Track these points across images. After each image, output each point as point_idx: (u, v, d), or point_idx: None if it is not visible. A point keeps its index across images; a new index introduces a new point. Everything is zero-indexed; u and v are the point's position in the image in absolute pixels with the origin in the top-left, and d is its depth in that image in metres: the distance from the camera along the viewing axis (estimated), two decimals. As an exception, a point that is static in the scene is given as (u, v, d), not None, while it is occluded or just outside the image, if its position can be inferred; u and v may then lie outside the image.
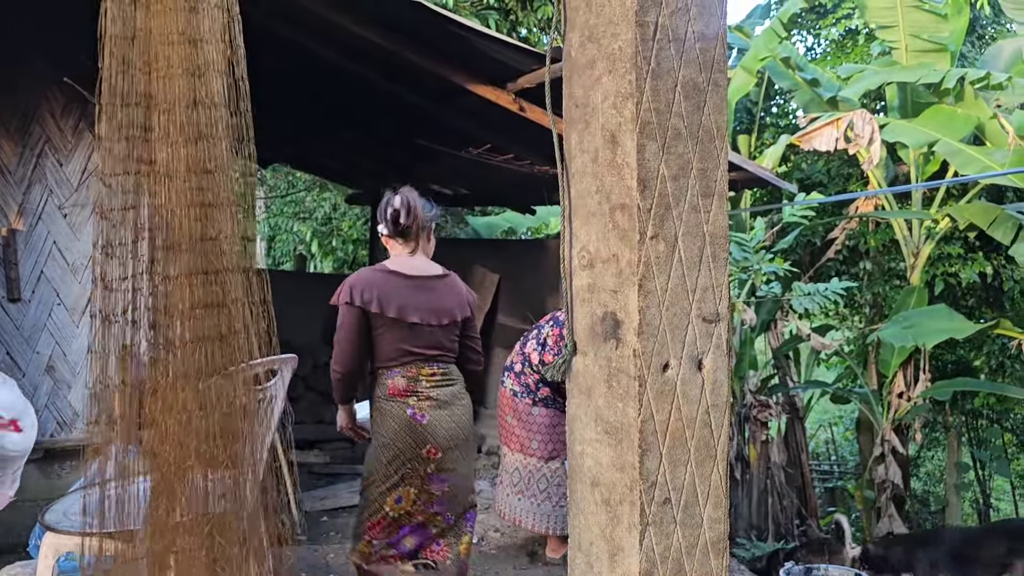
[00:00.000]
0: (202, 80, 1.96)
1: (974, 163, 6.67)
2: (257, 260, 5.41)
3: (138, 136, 1.96)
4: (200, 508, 2.05)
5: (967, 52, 8.78)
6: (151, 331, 2.00)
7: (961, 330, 6.60)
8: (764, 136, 9.07)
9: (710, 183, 1.74)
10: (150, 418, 2.00)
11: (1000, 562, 4.70)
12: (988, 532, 4.92)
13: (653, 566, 1.71)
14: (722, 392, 1.79)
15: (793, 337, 8.26)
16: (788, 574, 4.72)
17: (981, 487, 10.39)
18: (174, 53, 1.95)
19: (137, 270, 1.97)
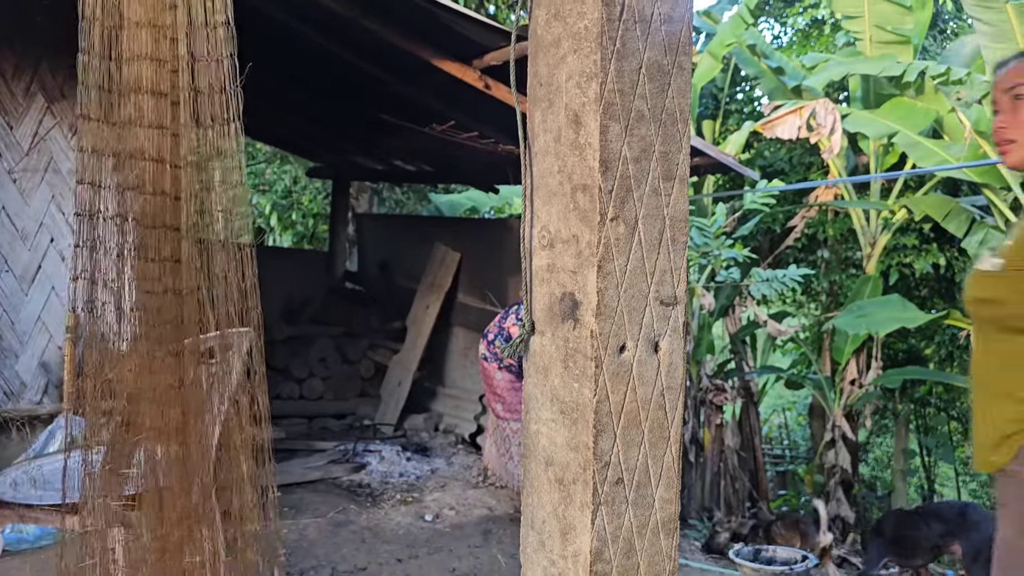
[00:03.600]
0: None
1: (932, 156, 6.80)
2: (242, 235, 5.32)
3: (116, 119, 1.90)
4: (150, 482, 2.02)
5: (929, 46, 8.92)
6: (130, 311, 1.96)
7: (913, 320, 6.74)
8: (729, 122, 9.13)
9: (672, 166, 1.75)
10: (105, 389, 1.96)
11: (936, 544, 4.83)
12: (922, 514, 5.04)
13: (604, 545, 1.72)
14: (677, 375, 1.81)
15: (750, 323, 8.38)
16: (738, 554, 4.81)
17: (927, 473, 10.68)
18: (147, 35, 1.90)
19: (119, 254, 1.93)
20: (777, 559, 4.83)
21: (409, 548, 4.47)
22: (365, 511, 4.99)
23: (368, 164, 8.85)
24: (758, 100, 9.70)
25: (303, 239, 12.47)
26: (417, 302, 7.20)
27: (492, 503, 5.25)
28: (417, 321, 7.10)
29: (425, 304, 7.10)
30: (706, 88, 8.76)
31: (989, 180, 6.61)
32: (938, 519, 4.84)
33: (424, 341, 6.97)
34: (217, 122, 1.90)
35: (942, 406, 9.62)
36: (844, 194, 7.88)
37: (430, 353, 7.11)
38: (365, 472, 5.64)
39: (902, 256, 7.74)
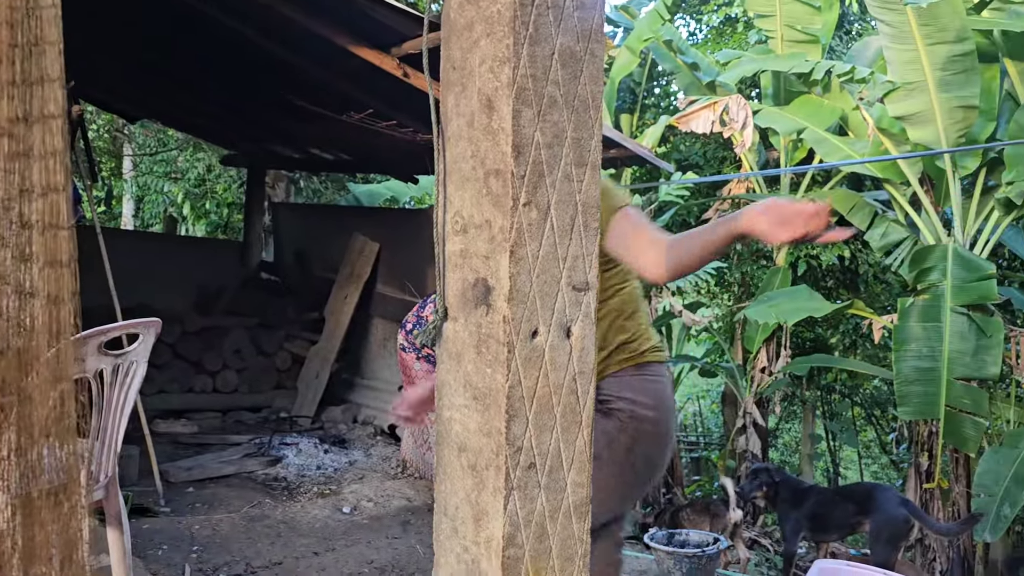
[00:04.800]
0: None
1: (837, 152, 7.06)
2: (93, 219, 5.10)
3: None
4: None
5: (836, 46, 9.25)
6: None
7: (820, 309, 7.00)
8: (646, 116, 9.27)
9: (584, 153, 1.76)
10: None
11: (849, 522, 5.04)
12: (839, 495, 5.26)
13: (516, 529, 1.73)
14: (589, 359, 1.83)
15: (666, 313, 8.54)
16: (652, 539, 4.91)
17: (832, 457, 11.14)
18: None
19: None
20: (690, 542, 4.96)
21: (326, 541, 4.41)
22: (281, 505, 4.90)
23: (285, 152, 8.66)
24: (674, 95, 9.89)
25: (217, 229, 12.12)
26: (335, 292, 7.09)
27: (411, 494, 5.22)
28: (335, 312, 7.00)
29: (343, 294, 7.00)
30: (624, 82, 8.88)
31: (890, 175, 6.90)
32: (851, 499, 5.06)
33: (342, 332, 6.88)
34: (36, 82, 1.75)
35: (846, 392, 10.03)
36: (756, 188, 8.12)
37: (348, 344, 7.02)
38: (281, 465, 5.53)
39: (810, 248, 8.00)
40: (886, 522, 4.77)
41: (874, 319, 7.09)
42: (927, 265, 6.30)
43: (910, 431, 6.69)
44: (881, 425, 10.81)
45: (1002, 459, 5.71)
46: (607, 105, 8.32)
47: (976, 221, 6.59)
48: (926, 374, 6.07)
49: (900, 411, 6.30)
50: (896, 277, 8.13)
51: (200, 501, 4.89)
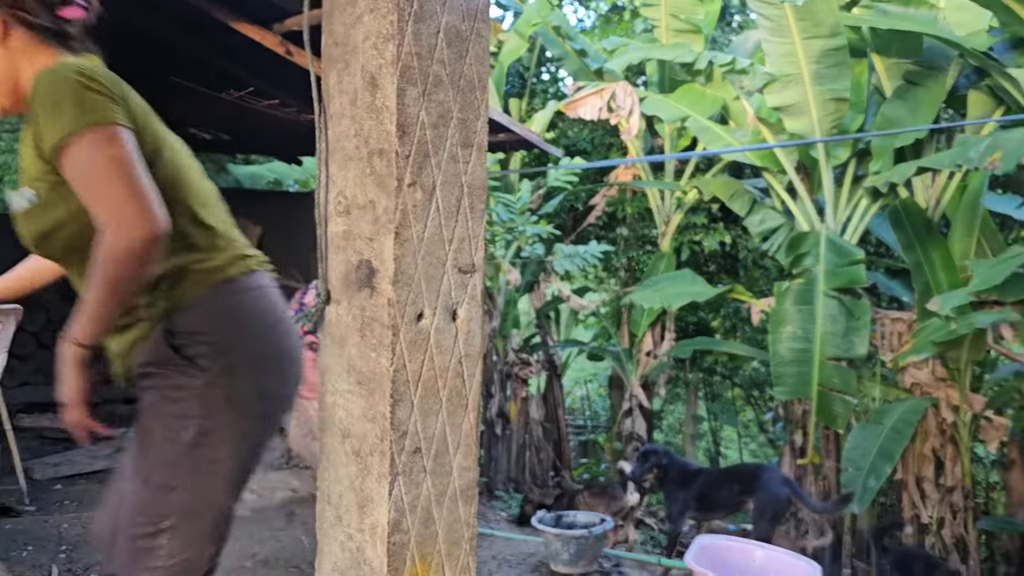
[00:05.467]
0: None
1: (719, 140, 7.30)
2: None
3: None
4: None
5: (718, 37, 9.54)
6: None
7: (702, 294, 7.24)
8: (534, 101, 9.32)
9: (470, 134, 1.74)
10: None
11: (734, 501, 5.24)
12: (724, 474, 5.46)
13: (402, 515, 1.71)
14: (475, 342, 1.81)
15: (555, 298, 8.65)
16: (540, 522, 4.97)
17: (713, 437, 11.58)
18: None
19: None
20: (578, 523, 5.05)
21: (207, 535, 4.24)
22: (158, 500, 4.68)
23: (160, 131, 8.24)
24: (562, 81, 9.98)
25: (87, 211, 11.42)
26: (216, 278, 6.82)
27: (296, 484, 5.09)
28: (216, 298, 6.74)
29: (225, 280, 6.75)
30: (513, 67, 8.90)
31: (768, 164, 7.19)
32: (738, 479, 5.25)
33: (224, 319, 6.63)
34: None
35: (727, 374, 10.43)
36: (641, 175, 8.30)
37: (231, 332, 6.78)
38: (158, 459, 5.29)
39: (693, 234, 8.26)
40: (770, 501, 4.99)
41: (753, 303, 7.39)
42: (802, 251, 6.61)
43: (785, 410, 7.02)
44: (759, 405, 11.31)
45: (868, 435, 6.07)
46: (496, 89, 8.32)
47: (846, 209, 6.95)
48: (800, 355, 6.38)
49: (776, 391, 6.60)
50: (773, 262, 8.50)
51: (69, 499, 4.63)
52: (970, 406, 6.29)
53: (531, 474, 8.24)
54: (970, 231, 6.35)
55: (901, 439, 5.98)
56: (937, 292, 6.14)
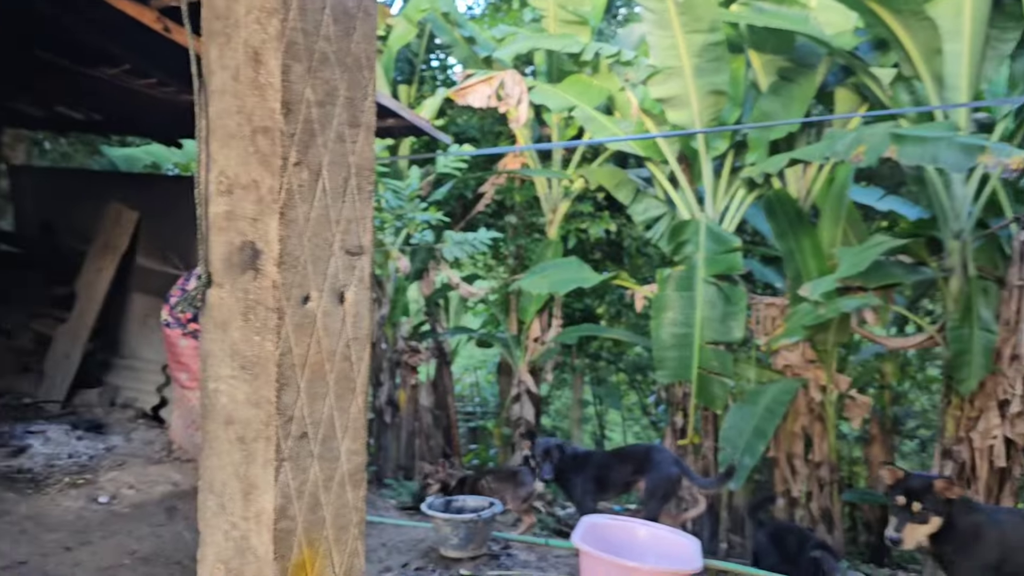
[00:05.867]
0: None
1: (605, 130, 7.45)
2: None
3: None
4: None
5: (604, 29, 9.71)
6: None
7: (588, 280, 7.38)
8: (424, 88, 9.25)
9: (357, 113, 1.72)
10: None
11: (626, 481, 5.38)
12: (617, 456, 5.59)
13: (288, 501, 1.68)
14: (363, 325, 1.80)
15: (444, 285, 8.64)
16: (430, 507, 4.97)
17: (599, 420, 11.86)
18: None
19: None
20: (467, 508, 5.08)
21: (80, 534, 4.04)
22: (26, 499, 4.42)
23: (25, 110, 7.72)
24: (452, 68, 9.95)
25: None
26: (88, 265, 6.47)
27: (177, 478, 4.91)
28: (88, 286, 6.39)
29: (97, 267, 6.40)
30: (402, 52, 8.80)
31: (651, 154, 7.40)
32: (631, 460, 5.39)
33: (97, 308, 6.30)
34: None
35: (612, 359, 10.70)
36: (529, 163, 8.38)
37: (104, 322, 6.44)
38: (26, 456, 4.99)
39: (579, 222, 8.41)
40: (661, 480, 5.15)
41: (636, 289, 7.60)
42: (682, 239, 6.84)
43: (667, 393, 7.27)
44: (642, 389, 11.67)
45: (744, 415, 6.37)
46: (384, 74, 8.21)
47: (724, 198, 7.24)
48: (681, 340, 6.61)
49: (658, 375, 6.83)
50: (656, 250, 8.76)
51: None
52: (836, 386, 6.69)
53: (421, 461, 8.23)
54: (837, 221, 6.73)
55: (774, 418, 6.31)
56: (807, 279, 6.49)
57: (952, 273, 6.01)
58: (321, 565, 1.82)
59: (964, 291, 5.87)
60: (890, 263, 6.43)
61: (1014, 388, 5.56)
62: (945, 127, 5.60)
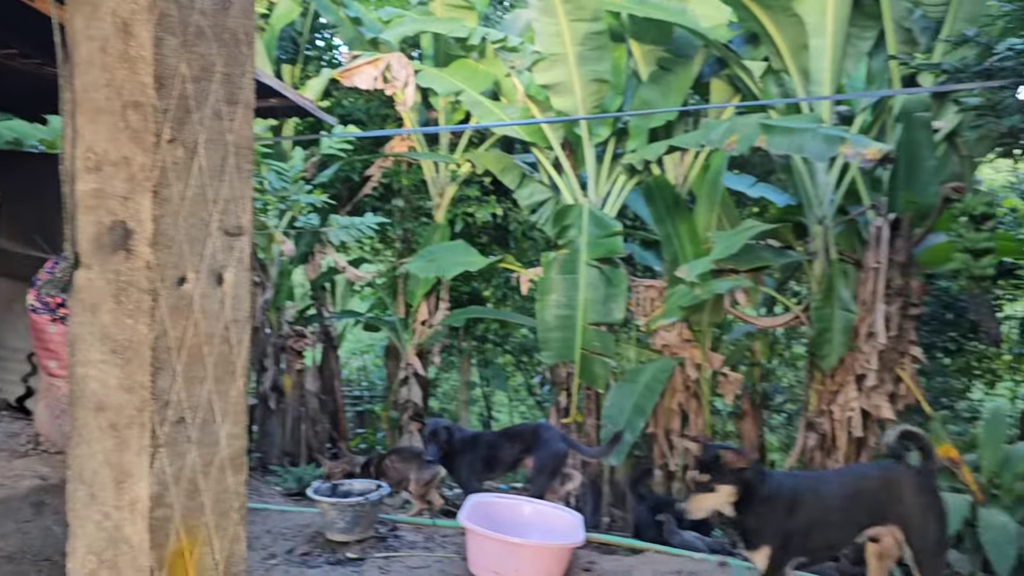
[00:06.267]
0: None
1: (491, 115, 7.50)
2: None
3: None
4: None
5: (491, 14, 9.73)
6: None
7: (475, 264, 7.44)
8: (308, 68, 9.02)
9: (235, 90, 1.68)
10: None
11: (515, 459, 5.47)
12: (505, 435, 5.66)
13: (165, 488, 1.64)
14: (243, 307, 1.76)
15: (330, 269, 8.50)
16: (316, 492, 4.92)
17: (486, 402, 11.98)
18: None
19: None
20: (354, 491, 5.06)
21: (-67, 535, 3.78)
22: None
23: None
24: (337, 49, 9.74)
25: None
26: (-62, 247, 6.02)
27: (45, 471, 4.65)
28: (-62, 270, 5.95)
29: (-51, 250, 5.97)
30: (285, 31, 8.55)
31: (536, 140, 7.50)
32: (519, 439, 5.47)
33: (-52, 293, 5.88)
34: None
35: (498, 341, 10.80)
36: (417, 147, 8.34)
37: (-42, 307, 6.02)
38: None
39: (466, 206, 8.43)
40: (550, 457, 5.25)
41: (522, 272, 7.70)
42: (566, 223, 6.98)
43: (552, 373, 7.41)
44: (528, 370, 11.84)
45: (625, 393, 6.58)
46: (267, 53, 7.97)
47: (606, 184, 7.42)
48: (564, 321, 6.76)
49: (543, 356, 6.96)
50: (541, 234, 8.89)
51: None
52: (710, 364, 7.01)
53: (307, 446, 8.10)
54: (712, 206, 7.02)
55: (653, 396, 6.55)
56: (684, 262, 6.75)
57: (816, 256, 6.39)
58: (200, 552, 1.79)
59: (826, 273, 6.25)
60: (760, 247, 6.77)
61: (870, 363, 5.98)
62: (810, 119, 5.93)
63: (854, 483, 3.64)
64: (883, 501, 3.51)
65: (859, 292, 6.14)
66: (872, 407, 6.05)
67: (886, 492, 3.52)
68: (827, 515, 3.50)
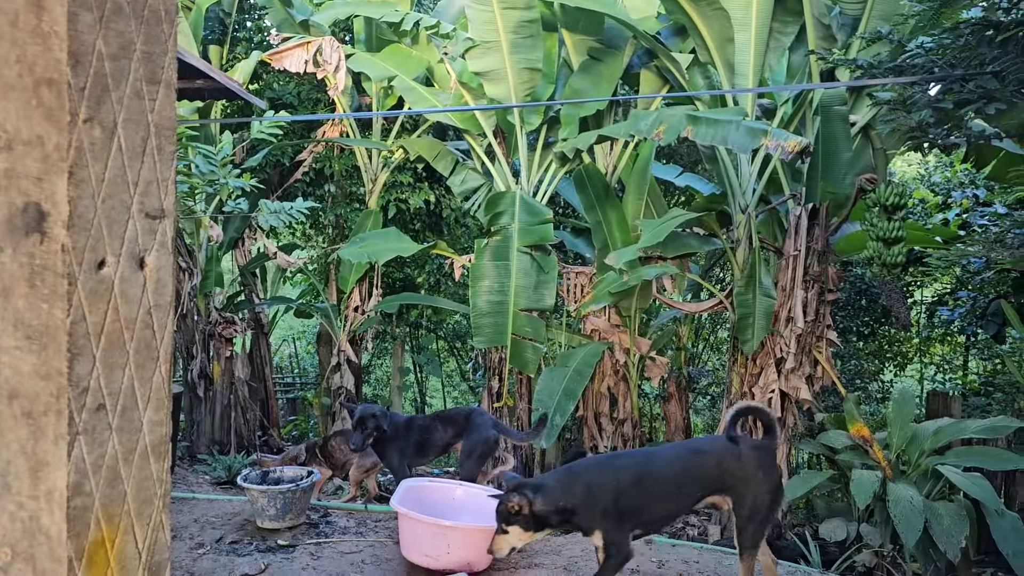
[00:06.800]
0: None
1: (424, 101, 7.47)
2: None
3: None
4: None
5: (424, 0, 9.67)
6: None
7: (408, 250, 7.42)
8: (237, 50, 8.82)
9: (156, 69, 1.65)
10: None
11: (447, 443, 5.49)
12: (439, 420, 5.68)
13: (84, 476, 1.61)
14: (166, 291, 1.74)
15: (260, 255, 8.38)
16: (246, 479, 4.87)
17: (419, 387, 11.97)
18: None
19: None
20: (285, 478, 5.02)
21: None
22: None
23: None
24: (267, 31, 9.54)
25: None
26: None
27: (-45, 464, 4.50)
28: None
29: None
30: (212, 11, 8.35)
31: (469, 127, 7.50)
32: (451, 423, 5.49)
33: None
34: None
35: (432, 327, 10.81)
36: (349, 132, 8.25)
37: None
38: None
39: (399, 192, 8.40)
40: (480, 441, 5.29)
41: (455, 259, 7.72)
42: (499, 210, 7.02)
43: (484, 359, 7.47)
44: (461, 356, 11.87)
45: (555, 377, 6.67)
46: (193, 33, 7.76)
47: (538, 172, 7.48)
48: (497, 307, 6.81)
49: (475, 341, 7.00)
50: (474, 220, 8.91)
51: None
52: (638, 348, 7.15)
53: (237, 434, 7.98)
54: (641, 195, 7.15)
55: (583, 380, 6.66)
56: (613, 248, 6.86)
57: (739, 244, 6.58)
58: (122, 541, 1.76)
59: (749, 260, 6.44)
60: (686, 235, 6.93)
61: (789, 347, 6.19)
62: (734, 111, 6.08)
63: (686, 459, 3.82)
64: (715, 475, 3.72)
65: (779, 278, 6.34)
66: (791, 389, 6.27)
67: (718, 467, 3.72)
68: (656, 491, 3.66)
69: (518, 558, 4.64)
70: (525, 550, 4.75)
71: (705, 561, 4.91)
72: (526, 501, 3.53)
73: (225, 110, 8.38)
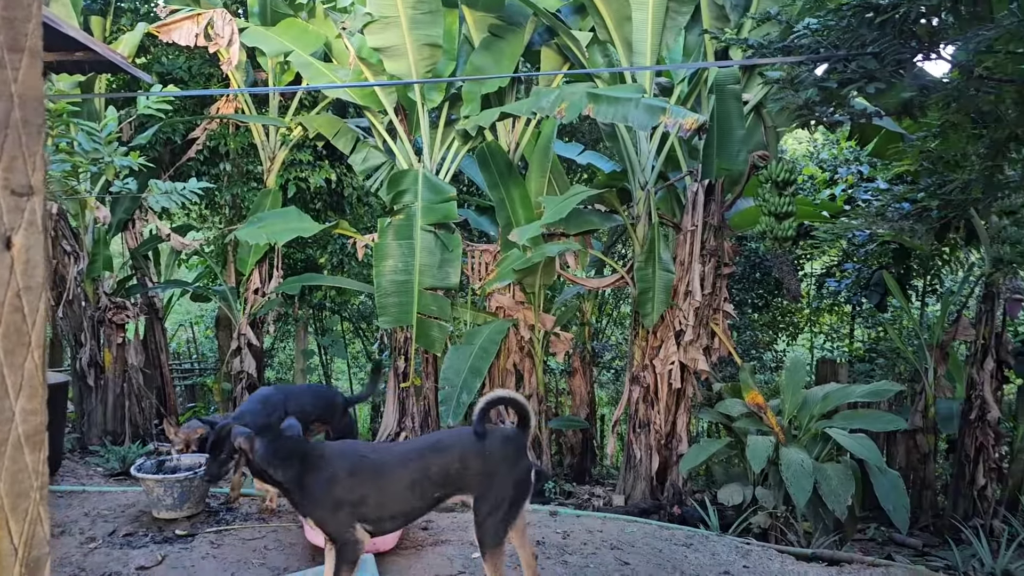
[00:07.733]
0: None
1: (323, 77, 7.30)
2: None
3: None
4: None
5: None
6: None
7: (309, 230, 7.27)
8: (121, 21, 8.41)
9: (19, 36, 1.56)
10: None
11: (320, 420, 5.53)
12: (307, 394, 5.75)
13: (-49, 467, 1.54)
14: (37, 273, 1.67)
15: (153, 237, 8.07)
16: (140, 469, 4.71)
17: (324, 370, 11.80)
18: None
19: None
20: (182, 467, 4.89)
21: None
22: None
23: None
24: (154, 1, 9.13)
25: None
26: None
27: None
28: None
29: None
30: (89, -21, 7.93)
31: (370, 103, 7.38)
32: (324, 398, 5.54)
33: None
34: None
35: (336, 309, 10.64)
36: (245, 109, 8.00)
37: None
38: None
39: (299, 171, 8.21)
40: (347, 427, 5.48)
41: (358, 238, 7.62)
42: (401, 188, 6.95)
43: (390, 339, 7.42)
44: (367, 336, 11.75)
45: (461, 355, 6.69)
46: (73, 4, 7.35)
47: (441, 149, 7.44)
48: (401, 286, 6.76)
49: (380, 321, 6.94)
50: (377, 199, 8.80)
51: None
52: (543, 325, 7.24)
53: (132, 424, 7.70)
54: (543, 172, 7.21)
55: (488, 357, 6.70)
56: (516, 226, 6.90)
57: (639, 220, 6.72)
58: (-1, 536, 1.69)
59: (648, 236, 6.59)
60: (588, 211, 7.03)
61: (687, 319, 6.39)
62: (634, 89, 6.19)
63: (425, 458, 3.49)
64: (456, 473, 3.46)
65: (678, 253, 6.52)
66: (690, 360, 6.47)
67: (460, 462, 3.47)
68: (388, 490, 3.41)
69: (425, 535, 4.66)
70: (431, 527, 4.77)
71: (608, 530, 5.04)
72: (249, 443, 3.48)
73: (110, 85, 8.00)
